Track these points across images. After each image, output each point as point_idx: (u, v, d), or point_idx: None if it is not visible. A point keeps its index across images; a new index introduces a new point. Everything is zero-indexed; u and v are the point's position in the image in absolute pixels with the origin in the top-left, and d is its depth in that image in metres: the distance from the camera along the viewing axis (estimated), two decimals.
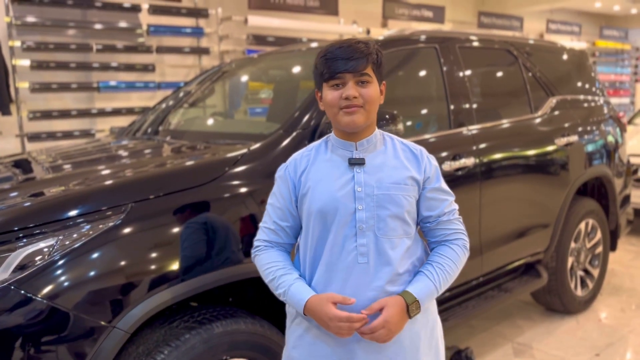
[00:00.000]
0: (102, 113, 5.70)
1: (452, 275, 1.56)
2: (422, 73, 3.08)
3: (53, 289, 1.63)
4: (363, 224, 1.48)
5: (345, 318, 1.41)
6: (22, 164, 2.60)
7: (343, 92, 1.44)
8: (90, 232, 1.72)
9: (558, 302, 3.72)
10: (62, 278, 1.65)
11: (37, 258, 1.64)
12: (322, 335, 1.53)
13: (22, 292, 1.60)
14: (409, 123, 2.84)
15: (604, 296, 4.17)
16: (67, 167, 2.48)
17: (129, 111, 5.80)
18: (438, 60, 2.98)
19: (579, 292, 3.83)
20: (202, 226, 1.91)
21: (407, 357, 1.53)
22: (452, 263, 1.55)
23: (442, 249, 1.57)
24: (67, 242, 1.68)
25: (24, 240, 1.67)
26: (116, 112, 5.76)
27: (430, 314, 1.61)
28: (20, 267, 1.62)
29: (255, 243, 1.62)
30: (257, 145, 2.22)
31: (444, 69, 2.98)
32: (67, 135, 5.44)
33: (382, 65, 1.50)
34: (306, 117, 2.32)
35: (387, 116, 2.24)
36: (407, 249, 1.52)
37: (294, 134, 2.27)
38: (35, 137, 5.25)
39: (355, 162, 1.50)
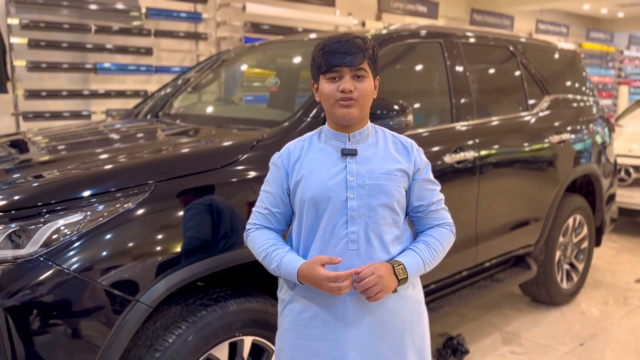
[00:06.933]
0: (99, 95, 5.68)
1: (438, 252, 1.64)
2: (427, 67, 3.16)
3: (80, 262, 1.68)
4: (354, 212, 1.55)
5: (333, 277, 1.48)
6: (43, 142, 2.62)
7: (340, 85, 1.50)
8: (114, 210, 1.77)
9: (545, 294, 3.86)
10: (89, 252, 1.70)
11: (64, 232, 1.69)
12: (314, 319, 1.60)
13: (50, 264, 1.65)
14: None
15: (587, 290, 4.32)
16: (88, 146, 2.52)
17: (120, 94, 5.77)
18: (442, 55, 3.06)
19: (565, 284, 3.98)
20: (221, 207, 1.97)
21: (393, 341, 1.61)
22: (438, 242, 1.64)
23: (430, 230, 1.66)
24: (94, 218, 1.74)
25: (52, 215, 1.71)
26: (111, 94, 5.74)
27: (417, 303, 1.68)
28: (49, 241, 1.67)
29: (247, 225, 1.69)
30: (272, 130, 2.29)
31: (448, 63, 3.06)
32: (63, 115, 5.42)
33: (377, 60, 1.57)
34: (319, 105, 2.38)
35: (396, 107, 2.30)
36: (396, 237, 1.61)
37: (308, 120, 2.34)
38: (30, 116, 5.22)
39: (348, 153, 1.57)
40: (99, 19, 5.67)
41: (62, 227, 1.70)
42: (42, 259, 1.65)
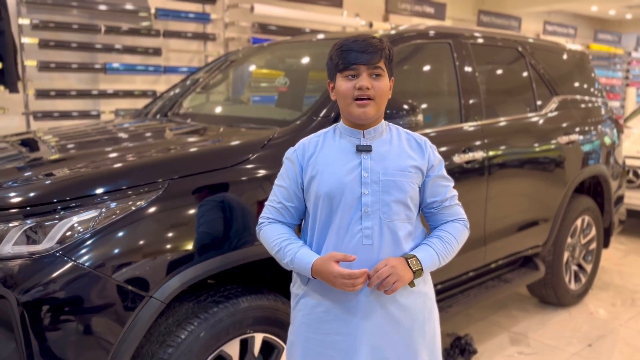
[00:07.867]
0: (108, 94, 5.73)
1: (452, 245, 1.65)
2: (436, 67, 3.17)
3: (95, 259, 1.70)
4: (368, 207, 1.57)
5: (347, 275, 1.50)
6: (53, 141, 2.65)
7: (357, 82, 1.53)
8: (127, 207, 1.79)
9: (552, 295, 3.86)
10: (104, 248, 1.72)
11: (79, 229, 1.72)
12: (328, 314, 1.62)
13: (66, 259, 1.67)
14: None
15: (595, 291, 4.32)
16: (101, 144, 2.54)
17: (129, 94, 5.80)
18: (451, 56, 3.07)
19: (573, 286, 3.97)
20: (233, 205, 1.99)
21: (404, 337, 1.63)
22: (452, 236, 1.66)
23: (443, 225, 1.68)
24: (108, 215, 1.76)
25: (67, 211, 1.73)
26: (119, 94, 5.78)
27: (428, 299, 1.70)
28: (64, 237, 1.69)
29: (260, 220, 1.71)
30: (283, 129, 2.31)
31: (457, 64, 3.07)
32: (72, 115, 5.45)
33: (393, 61, 1.60)
34: (329, 105, 2.40)
35: (406, 107, 2.32)
36: (409, 233, 1.63)
37: (318, 119, 2.35)
38: (40, 115, 5.26)
39: (363, 149, 1.59)
40: (108, 20, 5.71)
41: (77, 224, 1.72)
42: (58, 254, 1.67)
